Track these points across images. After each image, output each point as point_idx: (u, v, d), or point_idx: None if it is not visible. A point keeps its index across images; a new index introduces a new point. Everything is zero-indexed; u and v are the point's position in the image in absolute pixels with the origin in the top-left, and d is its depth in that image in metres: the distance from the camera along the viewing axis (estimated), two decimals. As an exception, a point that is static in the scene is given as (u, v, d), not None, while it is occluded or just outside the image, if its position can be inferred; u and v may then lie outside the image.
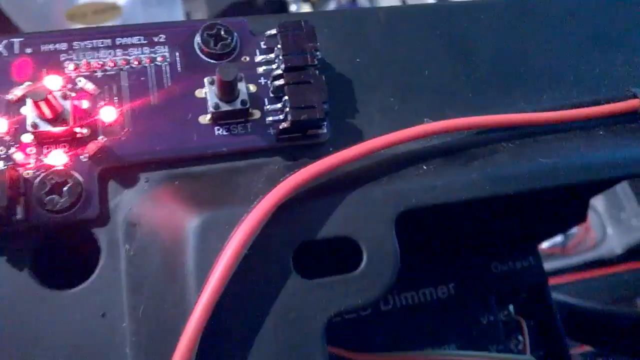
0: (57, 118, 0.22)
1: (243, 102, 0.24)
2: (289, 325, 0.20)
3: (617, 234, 0.87)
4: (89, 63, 0.24)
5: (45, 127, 0.22)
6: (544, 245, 0.80)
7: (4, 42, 0.24)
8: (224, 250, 0.20)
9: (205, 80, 0.24)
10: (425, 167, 0.24)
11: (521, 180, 0.24)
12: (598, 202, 0.87)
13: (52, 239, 0.22)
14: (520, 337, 0.40)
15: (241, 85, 0.24)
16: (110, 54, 0.24)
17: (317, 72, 0.24)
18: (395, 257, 0.22)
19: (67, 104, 0.23)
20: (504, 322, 0.40)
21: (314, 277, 0.21)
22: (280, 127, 0.24)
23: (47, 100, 0.21)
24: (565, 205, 0.39)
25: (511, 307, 0.41)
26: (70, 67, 0.24)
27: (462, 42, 0.28)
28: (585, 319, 0.48)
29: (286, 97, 0.24)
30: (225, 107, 0.24)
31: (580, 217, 0.42)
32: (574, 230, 0.87)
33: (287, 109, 0.24)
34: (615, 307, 0.50)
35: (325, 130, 0.25)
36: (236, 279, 0.20)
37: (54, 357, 0.21)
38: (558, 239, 0.86)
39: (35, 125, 0.22)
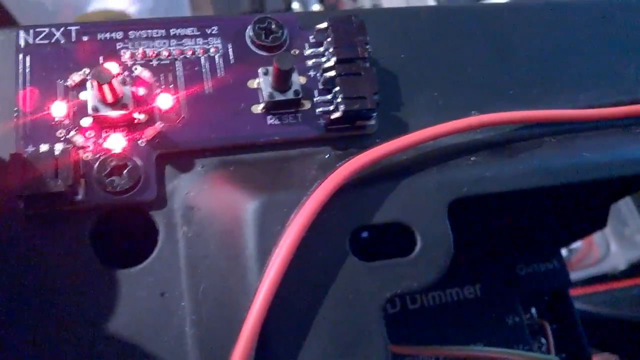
0: (117, 103, 0.23)
1: (296, 92, 0.24)
2: (348, 305, 0.21)
3: (621, 249, 0.88)
4: (144, 52, 0.25)
5: (105, 112, 0.23)
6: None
7: (62, 29, 0.24)
8: (287, 232, 0.20)
9: (260, 70, 0.25)
10: (473, 159, 0.24)
11: (567, 173, 0.24)
12: (601, 218, 0.87)
13: (110, 220, 0.22)
14: (543, 340, 0.41)
15: (294, 76, 0.24)
16: (165, 43, 0.25)
17: (367, 64, 0.25)
18: (448, 243, 0.22)
19: (127, 90, 0.23)
20: (527, 325, 0.40)
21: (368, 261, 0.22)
22: (332, 117, 0.25)
23: (110, 84, 0.22)
24: (589, 209, 0.39)
25: (534, 310, 0.41)
26: (126, 55, 0.24)
27: (503, 42, 0.29)
28: (607, 326, 0.48)
29: (337, 88, 0.24)
30: (279, 97, 0.24)
31: (601, 222, 0.42)
32: (578, 245, 0.88)
33: (339, 100, 0.24)
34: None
35: (373, 122, 0.26)
36: (296, 260, 0.20)
37: (114, 333, 0.21)
38: (562, 253, 0.86)
39: (96, 109, 0.22)
